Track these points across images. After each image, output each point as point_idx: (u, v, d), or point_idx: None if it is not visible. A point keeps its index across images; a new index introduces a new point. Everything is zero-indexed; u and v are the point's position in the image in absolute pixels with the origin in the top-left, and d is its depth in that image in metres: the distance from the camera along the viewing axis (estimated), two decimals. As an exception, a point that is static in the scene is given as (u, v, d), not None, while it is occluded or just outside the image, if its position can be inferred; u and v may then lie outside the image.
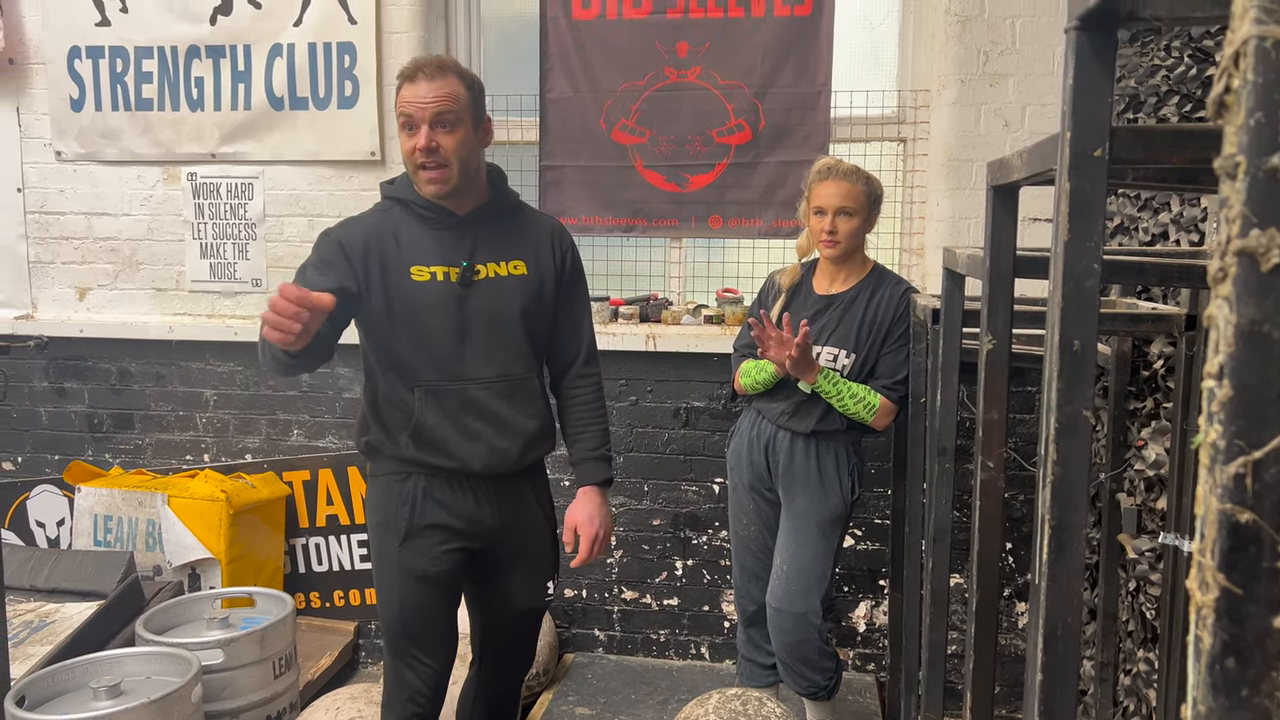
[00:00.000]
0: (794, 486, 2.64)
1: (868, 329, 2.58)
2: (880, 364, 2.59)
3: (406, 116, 1.93)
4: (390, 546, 2.05)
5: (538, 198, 3.43)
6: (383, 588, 2.09)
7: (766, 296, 2.76)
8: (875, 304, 2.59)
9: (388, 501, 2.06)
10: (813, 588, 2.61)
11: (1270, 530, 0.45)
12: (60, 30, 3.55)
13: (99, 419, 3.71)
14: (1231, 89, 0.46)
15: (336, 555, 3.57)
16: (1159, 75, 2.45)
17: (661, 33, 3.30)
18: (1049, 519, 1.00)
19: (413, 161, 1.95)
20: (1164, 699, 2.16)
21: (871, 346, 2.58)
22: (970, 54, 3.08)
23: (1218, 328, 0.47)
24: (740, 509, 2.78)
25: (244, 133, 3.49)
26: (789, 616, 2.63)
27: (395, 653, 2.11)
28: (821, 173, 2.57)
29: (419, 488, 2.05)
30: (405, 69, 1.97)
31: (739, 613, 2.86)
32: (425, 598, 2.06)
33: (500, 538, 2.12)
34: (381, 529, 2.08)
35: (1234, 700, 0.47)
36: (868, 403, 2.53)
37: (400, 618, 2.06)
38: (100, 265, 3.68)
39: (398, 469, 2.07)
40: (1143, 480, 2.46)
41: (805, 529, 2.62)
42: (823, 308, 2.63)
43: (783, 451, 2.64)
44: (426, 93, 1.91)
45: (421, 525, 2.04)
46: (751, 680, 2.85)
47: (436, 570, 2.05)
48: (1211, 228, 2.26)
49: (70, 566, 3.03)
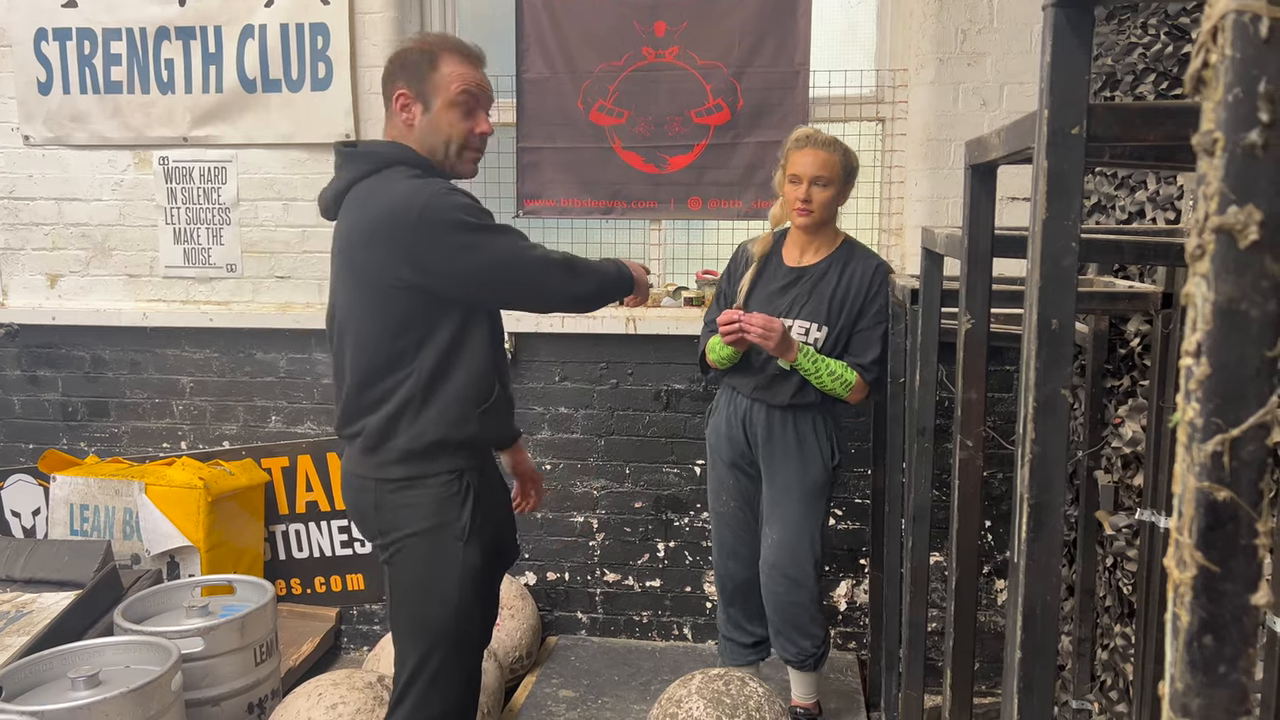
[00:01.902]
0: (774, 458, 2.66)
1: (839, 303, 2.59)
2: (855, 341, 2.60)
3: (473, 97, 1.96)
4: (452, 547, 1.95)
5: (515, 180, 3.40)
6: (435, 593, 1.96)
7: (737, 267, 2.76)
8: (848, 277, 2.59)
9: (444, 504, 1.95)
10: (804, 553, 2.65)
11: (1247, 508, 0.45)
12: (26, 12, 3.48)
13: (73, 407, 3.67)
14: (1209, 64, 0.45)
15: (317, 541, 3.55)
16: (1136, 53, 2.45)
17: (639, 12, 3.27)
18: (1028, 497, 1.01)
19: (467, 143, 1.98)
20: (1140, 673, 2.19)
21: (845, 321, 2.59)
22: (948, 32, 3.08)
23: (1195, 305, 0.46)
24: (720, 485, 2.79)
25: (216, 116, 3.44)
26: (783, 580, 2.66)
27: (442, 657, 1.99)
28: (799, 141, 2.57)
29: (474, 483, 1.99)
30: (455, 44, 1.98)
31: (719, 591, 2.87)
32: (477, 593, 2.01)
33: (504, 510, 2.21)
34: (436, 532, 1.96)
35: (1212, 677, 0.47)
36: (845, 380, 2.54)
37: (456, 620, 1.97)
38: (71, 251, 3.63)
39: (454, 465, 1.96)
40: (1120, 457, 2.48)
41: (790, 498, 2.65)
42: (793, 280, 2.64)
43: (760, 424, 2.66)
44: (484, 80, 1.99)
45: (481, 522, 1.99)
46: (733, 659, 2.86)
47: (487, 562, 2.03)
48: (1188, 205, 2.27)
49: (47, 556, 3.00)
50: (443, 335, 1.92)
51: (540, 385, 3.40)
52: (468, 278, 1.88)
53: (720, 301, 2.78)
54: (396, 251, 1.84)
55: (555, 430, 3.43)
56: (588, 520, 3.46)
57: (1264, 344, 0.45)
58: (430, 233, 1.83)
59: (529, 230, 3.48)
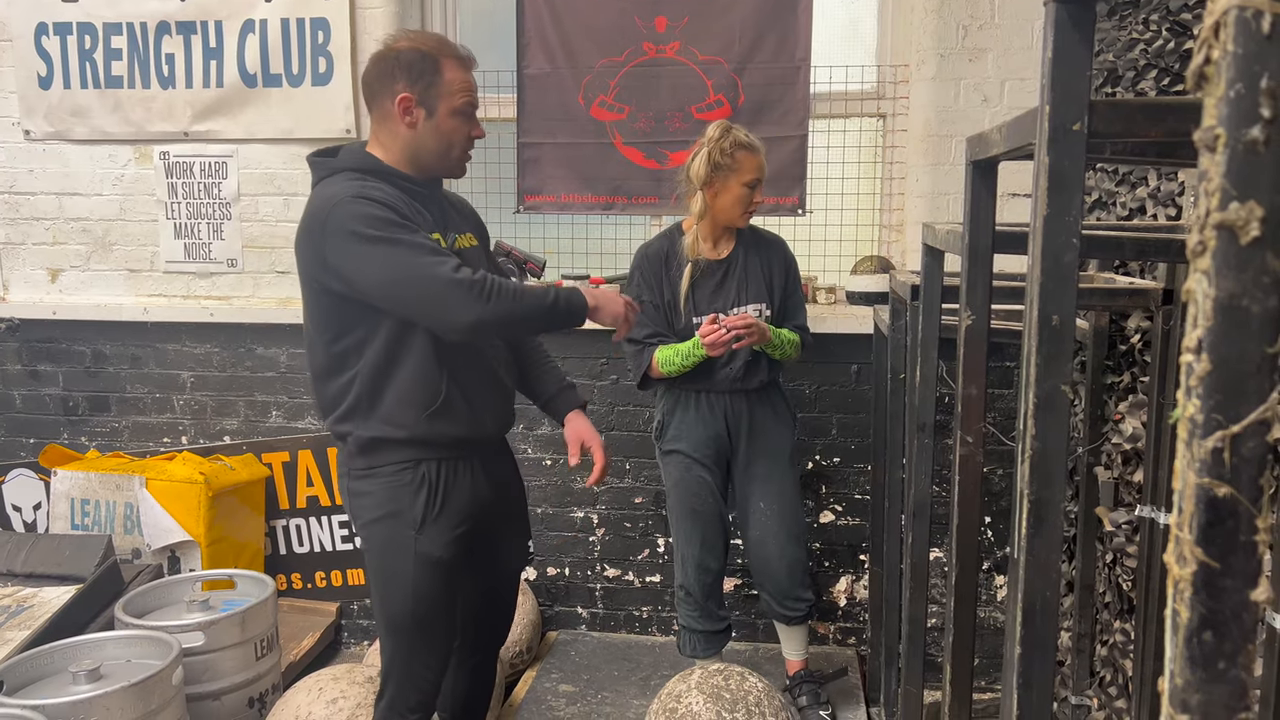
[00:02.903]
0: (757, 436, 2.79)
1: (769, 279, 2.78)
2: (788, 309, 2.81)
3: (470, 104, 2.01)
4: (404, 536, 1.98)
5: (516, 175, 3.40)
6: (391, 580, 2.01)
7: (654, 274, 2.76)
8: (765, 255, 2.78)
9: (396, 493, 1.99)
10: (798, 511, 2.85)
11: (1248, 504, 0.45)
12: (27, 6, 3.47)
13: (74, 402, 3.67)
14: (1211, 60, 0.45)
15: (317, 536, 3.56)
16: (1137, 49, 2.45)
17: (640, 7, 3.26)
18: (1028, 493, 1.01)
19: (464, 147, 2.03)
20: (1140, 669, 2.19)
21: (779, 294, 2.78)
22: (949, 28, 3.07)
23: (1196, 302, 0.46)
24: (700, 486, 2.80)
25: (217, 111, 3.44)
26: (790, 541, 2.79)
27: (408, 644, 2.04)
28: (747, 147, 2.66)
29: (431, 473, 2.00)
30: (453, 49, 2.00)
31: (697, 587, 2.84)
32: (440, 584, 2.02)
33: (494, 508, 2.15)
34: (389, 521, 2.00)
35: (1211, 673, 0.47)
36: (794, 343, 2.76)
37: (414, 608, 2.00)
38: (72, 246, 3.63)
39: (407, 457, 1.99)
40: (1120, 454, 2.48)
41: (779, 466, 2.80)
42: (724, 271, 2.77)
43: (744, 412, 2.78)
44: (475, 84, 2.03)
45: (436, 510, 2.00)
46: (707, 649, 2.89)
47: (450, 555, 2.02)
48: (1189, 202, 2.27)
49: (48, 550, 3.01)
50: (380, 339, 1.95)
51: (541, 381, 3.40)
52: (369, 288, 1.87)
53: (653, 312, 2.75)
54: (315, 256, 1.90)
55: (555, 426, 3.41)
56: (588, 516, 3.47)
57: (1265, 340, 0.45)
58: (334, 240, 1.86)
59: (529, 226, 3.50)
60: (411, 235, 1.86)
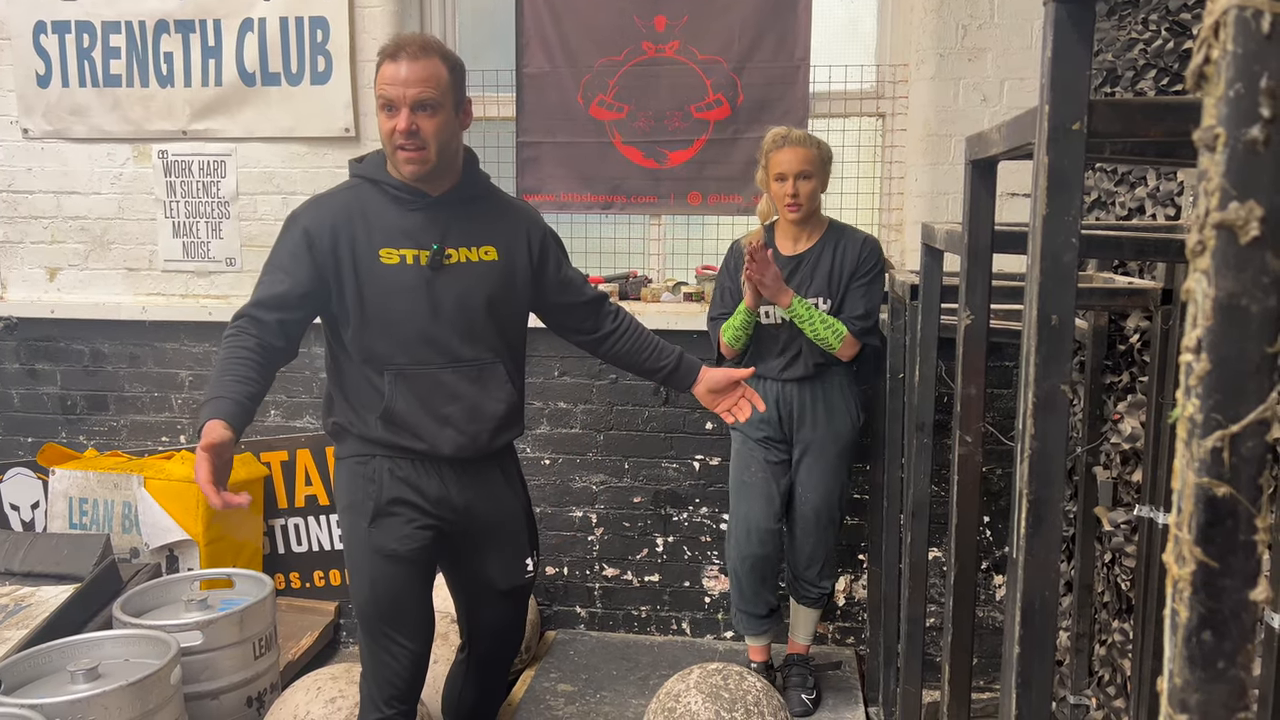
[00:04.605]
0: (805, 428, 2.83)
1: (838, 277, 2.78)
2: (847, 300, 2.77)
3: (387, 99, 1.90)
4: (359, 528, 2.04)
5: (515, 174, 3.40)
6: (354, 570, 2.08)
7: (737, 262, 2.85)
8: (840, 254, 2.79)
9: (354, 484, 2.06)
10: (836, 500, 2.87)
11: (1247, 504, 0.45)
12: (25, 4, 3.47)
13: (72, 401, 3.67)
14: (1211, 60, 0.45)
15: (316, 535, 3.56)
16: (1136, 49, 2.45)
17: (639, 7, 3.26)
18: (1027, 493, 1.01)
19: (391, 142, 1.92)
20: (1139, 668, 2.19)
21: (843, 290, 2.78)
22: (949, 28, 3.07)
23: (1195, 301, 0.46)
24: (750, 457, 2.88)
25: (216, 109, 3.44)
26: (829, 525, 2.86)
27: (370, 635, 2.08)
28: (777, 141, 2.75)
29: (384, 468, 2.04)
30: (387, 46, 1.93)
31: (743, 568, 2.89)
32: (397, 577, 2.03)
33: (471, 519, 2.10)
34: (350, 512, 2.07)
35: (1210, 673, 0.47)
36: (836, 329, 2.70)
37: (373, 599, 2.04)
38: (70, 245, 3.63)
39: (363, 451, 2.05)
40: (1119, 453, 2.48)
41: (826, 456, 2.83)
42: (794, 267, 2.80)
43: (794, 401, 2.82)
44: (409, 75, 1.87)
45: (386, 503, 2.02)
46: (747, 629, 2.99)
47: (407, 549, 2.03)
48: (1188, 201, 2.27)
49: (46, 549, 3.00)
50: (328, 342, 2.10)
51: (539, 380, 3.39)
52: None
53: (724, 297, 2.89)
54: None
55: (554, 425, 3.43)
56: (586, 515, 3.47)
57: (1264, 339, 0.45)
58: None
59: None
60: (270, 271, 2.00)
